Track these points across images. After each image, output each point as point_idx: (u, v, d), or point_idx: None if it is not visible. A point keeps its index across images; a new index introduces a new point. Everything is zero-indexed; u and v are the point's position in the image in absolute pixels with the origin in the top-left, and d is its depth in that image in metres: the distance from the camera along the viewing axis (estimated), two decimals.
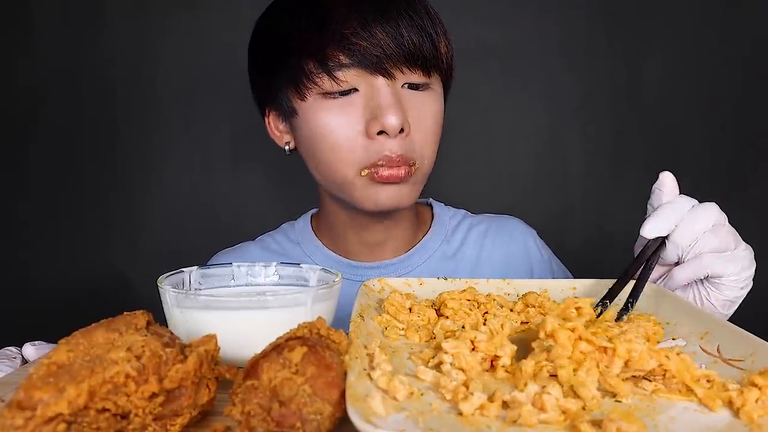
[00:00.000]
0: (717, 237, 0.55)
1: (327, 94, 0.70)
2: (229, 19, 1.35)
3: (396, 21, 0.68)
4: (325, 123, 0.70)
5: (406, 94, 0.71)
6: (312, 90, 0.70)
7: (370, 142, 0.70)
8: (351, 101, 0.70)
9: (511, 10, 1.38)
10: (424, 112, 0.72)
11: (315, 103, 0.71)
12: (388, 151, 0.69)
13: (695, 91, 1.39)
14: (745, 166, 1.39)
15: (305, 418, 0.34)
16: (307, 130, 0.73)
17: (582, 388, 0.37)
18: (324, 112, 0.70)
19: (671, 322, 0.52)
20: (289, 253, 0.87)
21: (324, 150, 0.72)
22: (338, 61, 0.68)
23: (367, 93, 0.70)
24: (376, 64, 0.68)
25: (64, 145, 1.39)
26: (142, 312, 0.41)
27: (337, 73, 0.68)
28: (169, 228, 1.40)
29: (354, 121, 0.70)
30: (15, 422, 0.31)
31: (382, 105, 0.68)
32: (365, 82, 0.69)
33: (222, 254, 0.90)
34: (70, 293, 1.37)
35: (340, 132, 0.70)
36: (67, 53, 1.37)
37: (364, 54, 0.67)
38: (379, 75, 0.69)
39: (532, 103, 1.40)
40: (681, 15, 1.39)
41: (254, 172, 1.40)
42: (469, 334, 0.43)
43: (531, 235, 0.91)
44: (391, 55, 0.68)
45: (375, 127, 0.68)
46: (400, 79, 0.70)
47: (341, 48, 0.67)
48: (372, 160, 0.70)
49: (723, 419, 0.36)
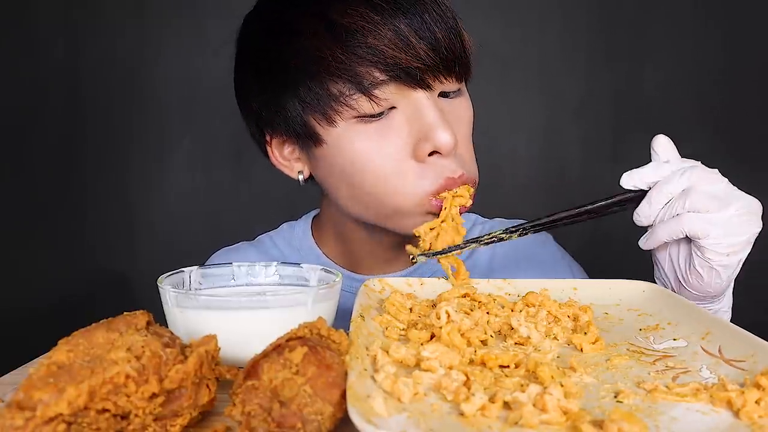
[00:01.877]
0: (697, 198, 0.54)
1: (364, 116, 0.61)
2: (230, 19, 1.35)
3: (428, 25, 0.60)
4: (365, 150, 0.62)
5: (443, 103, 0.64)
6: (344, 114, 0.61)
7: (422, 166, 0.62)
8: (391, 122, 0.62)
9: (512, 13, 1.38)
10: (461, 120, 0.66)
11: (349, 129, 0.62)
12: (450, 173, 0.62)
13: (695, 92, 1.39)
14: (744, 166, 1.38)
15: (306, 418, 0.34)
16: (339, 159, 0.64)
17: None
18: (362, 137, 0.62)
19: (672, 322, 0.52)
20: (287, 257, 0.84)
21: (366, 181, 0.63)
22: (374, 78, 0.59)
23: (407, 110, 0.62)
24: (416, 77, 0.60)
25: (64, 145, 1.39)
26: (142, 312, 0.41)
27: (374, 92, 0.60)
28: (169, 228, 1.40)
29: (399, 144, 0.62)
30: (15, 422, 0.31)
31: (430, 122, 0.60)
32: (404, 98, 0.61)
33: (220, 254, 0.88)
34: (70, 293, 1.37)
35: (384, 159, 0.62)
36: (67, 53, 1.37)
37: (402, 67, 0.59)
38: (418, 88, 0.61)
39: (532, 104, 1.40)
40: (681, 17, 1.39)
41: (254, 172, 1.40)
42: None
43: (546, 238, 0.87)
44: (431, 65, 0.60)
45: (426, 148, 0.61)
46: (437, 89, 0.63)
47: (375, 63, 0.59)
48: (434, 186, 0.62)
49: (724, 420, 0.36)
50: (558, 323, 0.52)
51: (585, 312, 0.53)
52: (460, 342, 0.45)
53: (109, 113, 1.38)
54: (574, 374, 0.42)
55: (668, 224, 0.55)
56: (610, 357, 0.45)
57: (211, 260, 0.87)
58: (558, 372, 0.41)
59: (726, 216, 0.54)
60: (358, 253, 0.77)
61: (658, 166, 0.56)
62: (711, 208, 0.54)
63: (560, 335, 0.50)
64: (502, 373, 0.42)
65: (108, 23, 1.36)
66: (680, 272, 0.59)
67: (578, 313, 0.53)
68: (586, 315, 0.53)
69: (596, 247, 1.38)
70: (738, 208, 0.54)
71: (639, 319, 0.55)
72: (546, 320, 0.52)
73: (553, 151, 1.40)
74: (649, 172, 0.56)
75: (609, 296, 0.60)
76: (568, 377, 0.41)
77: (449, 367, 0.41)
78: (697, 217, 0.54)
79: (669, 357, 0.46)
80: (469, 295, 0.56)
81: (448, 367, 0.41)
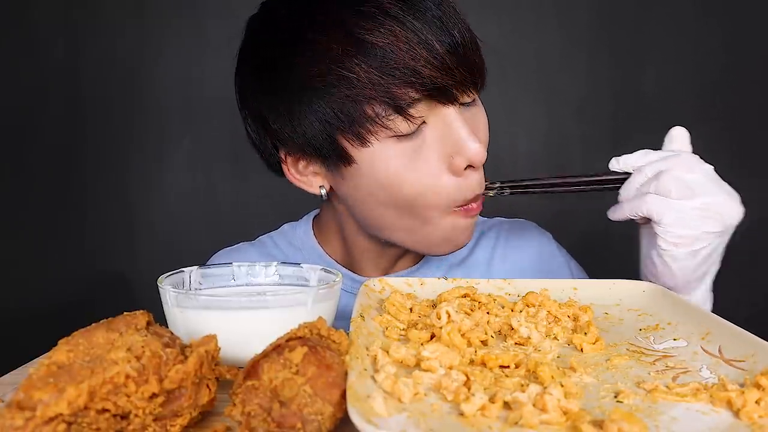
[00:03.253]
0: (665, 180, 0.54)
1: (399, 136, 0.61)
2: (230, 19, 1.35)
3: (456, 39, 0.60)
4: (401, 169, 0.61)
5: (465, 114, 0.64)
6: (379, 135, 0.60)
7: (458, 180, 0.62)
8: (424, 140, 0.62)
9: (512, 12, 1.38)
10: (480, 128, 0.66)
11: (384, 148, 0.61)
12: (479, 187, 0.64)
13: (695, 92, 1.40)
14: (744, 166, 1.38)
15: (306, 418, 0.34)
16: (371, 178, 0.63)
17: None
18: (398, 156, 0.61)
19: (672, 322, 0.52)
20: (288, 257, 0.84)
21: (402, 198, 0.63)
22: (410, 98, 0.59)
23: (437, 125, 0.62)
24: (450, 94, 0.60)
25: (65, 145, 1.39)
26: (142, 312, 0.41)
27: (410, 110, 0.59)
28: (169, 228, 1.40)
29: (435, 161, 0.62)
30: (15, 422, 0.31)
31: (462, 136, 0.61)
32: (433, 113, 0.61)
33: (220, 255, 0.88)
34: (70, 293, 1.37)
35: (421, 177, 0.62)
36: (67, 53, 1.37)
37: (435, 84, 0.58)
38: (449, 105, 0.61)
39: (532, 104, 1.40)
40: (681, 16, 1.39)
41: (254, 172, 1.39)
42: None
43: (546, 238, 0.87)
44: (461, 81, 0.60)
45: (462, 162, 0.61)
46: (462, 101, 0.63)
47: (413, 84, 0.58)
48: (465, 198, 0.63)
49: (724, 420, 0.36)
50: (558, 323, 0.52)
51: (585, 312, 0.53)
52: (461, 342, 0.45)
53: (109, 113, 1.38)
54: (574, 374, 0.42)
55: (633, 200, 0.57)
56: (610, 357, 0.45)
57: (211, 261, 0.87)
58: (558, 372, 0.41)
59: (686, 206, 0.54)
60: (358, 256, 0.77)
61: (646, 153, 0.58)
62: (675, 195, 0.54)
63: (560, 335, 0.50)
64: (502, 373, 0.42)
65: (108, 23, 1.36)
66: (641, 259, 0.59)
67: (578, 313, 0.53)
68: (586, 315, 0.53)
69: (596, 247, 1.38)
70: (703, 203, 0.54)
71: (639, 319, 0.55)
72: (546, 320, 0.52)
73: (553, 151, 1.40)
74: (637, 158, 0.58)
75: (609, 296, 0.60)
76: (568, 377, 0.41)
77: (449, 367, 0.41)
78: (659, 199, 0.55)
79: (669, 357, 0.46)
80: (469, 296, 0.56)
81: (448, 367, 0.41)
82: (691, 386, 0.39)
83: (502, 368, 0.43)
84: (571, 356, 0.45)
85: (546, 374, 0.40)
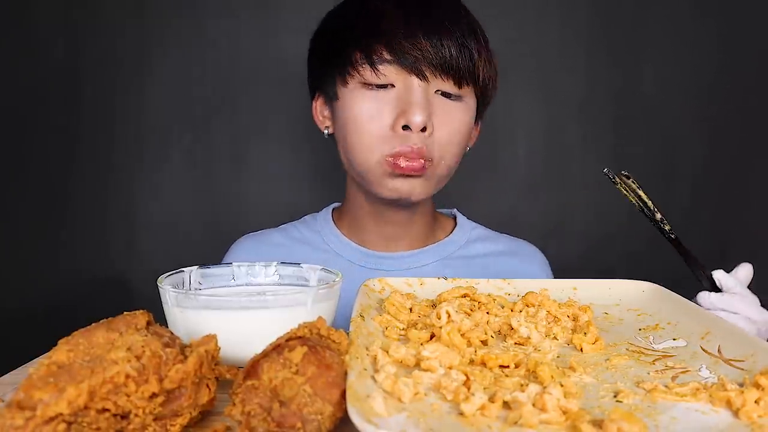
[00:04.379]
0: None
1: (366, 84, 0.76)
2: (230, 19, 1.35)
3: (439, 31, 0.74)
4: (360, 110, 0.77)
5: (438, 99, 0.77)
6: (354, 78, 0.77)
7: (394, 135, 0.75)
8: (386, 95, 0.76)
9: (511, 12, 1.37)
10: (451, 119, 0.77)
11: (355, 91, 0.77)
12: (411, 143, 0.75)
13: (695, 92, 1.39)
14: (744, 166, 1.39)
15: (306, 418, 0.34)
16: (343, 114, 0.79)
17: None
18: (360, 99, 0.77)
19: (672, 322, 0.52)
20: (308, 239, 0.90)
21: (354, 135, 0.78)
22: (381, 56, 0.75)
23: (401, 90, 0.76)
24: (413, 64, 0.74)
25: (64, 145, 1.38)
26: (142, 312, 0.41)
27: (378, 66, 0.75)
28: (169, 228, 1.40)
29: (386, 113, 0.76)
30: (15, 422, 0.31)
31: (412, 102, 0.74)
32: (402, 81, 0.76)
33: (245, 239, 0.92)
34: (70, 293, 1.37)
35: (372, 121, 0.76)
36: (67, 53, 1.37)
37: (405, 53, 0.74)
38: (414, 76, 0.75)
39: (532, 104, 1.40)
40: (680, 17, 1.39)
41: (254, 172, 1.40)
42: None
43: (544, 266, 0.92)
44: (429, 59, 0.74)
45: (401, 121, 0.74)
46: (433, 84, 0.76)
47: (386, 45, 0.75)
48: (394, 150, 0.75)
49: (724, 420, 0.36)
50: (558, 323, 0.52)
51: (585, 312, 0.53)
52: (461, 342, 0.45)
53: (108, 113, 1.38)
54: (573, 374, 0.42)
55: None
56: (609, 357, 0.46)
57: (236, 245, 0.93)
58: (558, 372, 0.41)
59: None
60: (365, 227, 0.88)
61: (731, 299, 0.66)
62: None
63: (560, 335, 0.50)
64: (502, 373, 0.42)
65: (108, 23, 1.36)
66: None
67: (578, 313, 0.53)
68: (585, 315, 0.53)
69: (596, 247, 1.38)
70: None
71: (638, 319, 0.55)
72: (546, 320, 0.52)
73: (553, 151, 1.40)
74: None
75: (609, 296, 0.60)
76: (567, 377, 0.41)
77: (449, 367, 0.41)
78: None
79: (668, 357, 0.46)
80: (469, 296, 0.56)
81: (448, 367, 0.41)
82: (691, 386, 0.39)
83: (501, 368, 0.43)
84: (571, 356, 0.45)
85: (546, 374, 0.40)
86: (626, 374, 0.43)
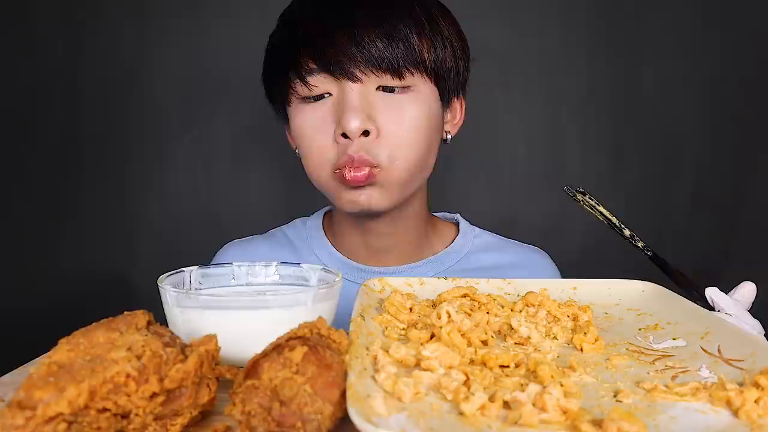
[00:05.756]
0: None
1: (304, 99, 0.73)
2: (230, 19, 1.35)
3: (359, 26, 0.69)
4: (302, 126, 0.74)
5: (380, 97, 0.71)
6: (293, 95, 0.74)
7: (338, 146, 0.71)
8: (323, 105, 0.72)
9: (511, 12, 1.37)
10: (399, 114, 0.72)
11: (296, 108, 0.75)
12: (349, 153, 0.70)
13: (695, 93, 1.39)
14: (745, 166, 1.39)
15: (306, 417, 0.34)
16: (294, 133, 0.77)
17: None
18: (301, 116, 0.74)
19: (671, 322, 0.52)
20: (296, 247, 0.86)
21: (303, 152, 0.76)
22: (308, 67, 0.71)
23: (337, 97, 0.72)
24: (339, 68, 0.69)
25: (64, 145, 1.38)
26: (142, 312, 0.41)
27: (308, 78, 0.71)
28: (169, 228, 1.40)
29: (327, 124, 0.72)
30: (15, 422, 0.31)
31: (345, 108, 0.70)
32: (337, 87, 0.71)
33: (230, 246, 0.90)
34: (70, 293, 1.37)
35: (314, 135, 0.73)
36: (67, 53, 1.37)
37: (328, 59, 0.69)
38: (345, 79, 0.70)
39: (532, 104, 1.40)
40: (681, 17, 1.39)
41: (254, 172, 1.40)
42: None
43: (554, 273, 0.88)
44: (353, 59, 0.69)
45: (339, 130, 0.70)
46: (370, 82, 0.71)
47: (309, 55, 0.71)
48: (339, 162, 0.71)
49: (724, 419, 0.36)
50: (558, 323, 0.52)
51: (585, 312, 0.53)
52: (461, 342, 0.45)
53: (108, 113, 1.38)
54: (573, 374, 0.42)
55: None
56: (609, 357, 0.46)
57: (223, 251, 0.90)
58: (558, 371, 0.41)
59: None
60: (350, 239, 0.84)
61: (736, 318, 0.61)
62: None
63: (560, 335, 0.50)
64: (502, 373, 0.42)
65: (108, 23, 1.36)
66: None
67: (578, 312, 0.53)
68: (585, 315, 0.53)
69: (596, 247, 1.38)
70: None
71: (638, 318, 0.55)
72: (546, 320, 0.52)
73: (553, 150, 1.40)
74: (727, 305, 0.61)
75: (609, 296, 0.60)
76: (567, 377, 0.41)
77: (449, 366, 0.41)
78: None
79: (668, 356, 0.46)
80: (469, 296, 0.56)
81: (448, 366, 0.41)
82: (691, 386, 0.39)
83: (502, 368, 0.43)
84: (571, 356, 0.45)
85: (546, 374, 0.40)
86: (626, 374, 0.43)
